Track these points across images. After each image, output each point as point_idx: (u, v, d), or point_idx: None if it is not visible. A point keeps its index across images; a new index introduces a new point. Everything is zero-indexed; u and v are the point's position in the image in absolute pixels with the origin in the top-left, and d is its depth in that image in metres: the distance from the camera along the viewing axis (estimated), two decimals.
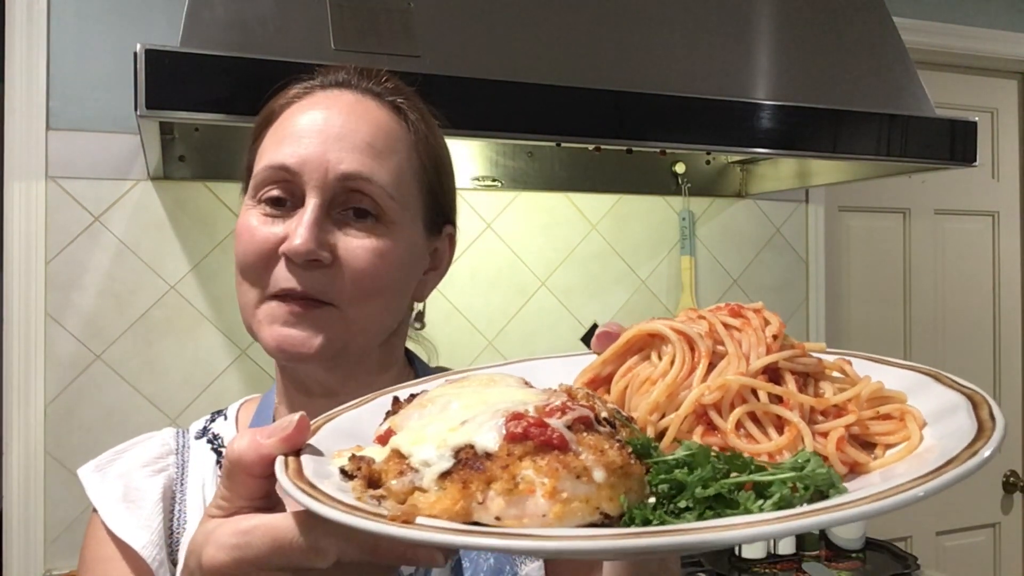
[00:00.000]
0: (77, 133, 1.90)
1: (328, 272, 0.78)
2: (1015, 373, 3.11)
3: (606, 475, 0.46)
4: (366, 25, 1.40)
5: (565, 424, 0.49)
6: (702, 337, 0.59)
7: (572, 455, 0.47)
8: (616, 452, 0.48)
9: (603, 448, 0.48)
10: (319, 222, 0.77)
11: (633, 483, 0.48)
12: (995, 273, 3.08)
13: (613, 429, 0.51)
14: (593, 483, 0.46)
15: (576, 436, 0.48)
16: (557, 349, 2.35)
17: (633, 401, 0.58)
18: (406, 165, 0.83)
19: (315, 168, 0.78)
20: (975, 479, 2.94)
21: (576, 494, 0.46)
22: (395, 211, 0.81)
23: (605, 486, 0.46)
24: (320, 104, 0.82)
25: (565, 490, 0.46)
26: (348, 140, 0.79)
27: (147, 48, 1.21)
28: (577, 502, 0.46)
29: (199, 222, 1.98)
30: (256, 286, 0.81)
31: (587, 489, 0.46)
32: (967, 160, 1.81)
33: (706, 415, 0.55)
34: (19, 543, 1.83)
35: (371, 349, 0.85)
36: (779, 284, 2.60)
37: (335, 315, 0.79)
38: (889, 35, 1.89)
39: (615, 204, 2.38)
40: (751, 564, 2.17)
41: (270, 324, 0.79)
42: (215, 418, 0.96)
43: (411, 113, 0.86)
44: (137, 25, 1.93)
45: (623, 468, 0.47)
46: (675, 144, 1.61)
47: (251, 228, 0.81)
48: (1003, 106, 3.07)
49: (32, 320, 1.85)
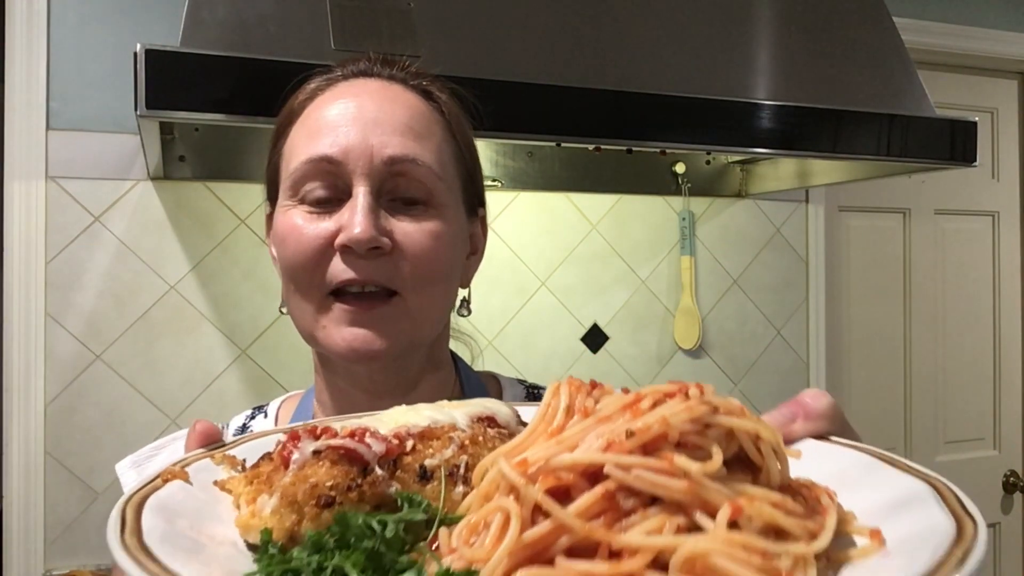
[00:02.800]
0: (77, 133, 1.90)
1: (389, 259, 0.76)
2: (1015, 373, 3.11)
3: (279, 503, 0.48)
4: (366, 25, 1.40)
5: (314, 448, 0.50)
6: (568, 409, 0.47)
7: (279, 474, 0.50)
8: (307, 489, 0.48)
9: (304, 479, 0.49)
10: (374, 208, 0.75)
11: (308, 523, 0.48)
12: (995, 273, 3.08)
13: (423, 479, 0.51)
14: (272, 506, 0.48)
15: (309, 461, 0.50)
16: (557, 349, 2.35)
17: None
18: (445, 147, 0.81)
19: (360, 155, 0.75)
20: (975, 479, 2.93)
21: (261, 511, 0.48)
22: (443, 193, 0.79)
23: (276, 511, 0.48)
24: (347, 93, 0.79)
25: (257, 503, 0.49)
26: (387, 124, 0.77)
27: (147, 48, 1.21)
28: (257, 518, 0.48)
29: (199, 222, 1.98)
30: (312, 287, 0.77)
31: (269, 509, 0.48)
32: (967, 160, 1.81)
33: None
34: (19, 543, 1.83)
35: (430, 341, 0.83)
36: (779, 284, 2.60)
37: (399, 307, 0.77)
38: (889, 35, 1.89)
39: (615, 204, 2.38)
40: None
41: (337, 326, 0.76)
42: (255, 414, 0.95)
43: (441, 95, 0.84)
44: (137, 25, 1.93)
45: (296, 504, 0.48)
46: (675, 144, 1.61)
47: (297, 227, 0.77)
48: (1003, 106, 3.06)
49: (32, 320, 1.85)
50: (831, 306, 2.70)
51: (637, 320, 2.42)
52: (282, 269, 0.80)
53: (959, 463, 2.96)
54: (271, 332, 2.04)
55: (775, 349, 2.59)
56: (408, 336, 0.78)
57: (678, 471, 0.40)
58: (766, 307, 2.58)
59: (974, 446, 3.02)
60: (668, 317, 2.45)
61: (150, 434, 1.92)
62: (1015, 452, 3.09)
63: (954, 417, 2.99)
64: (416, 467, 0.50)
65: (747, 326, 2.55)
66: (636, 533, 0.39)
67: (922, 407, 2.95)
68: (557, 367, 2.33)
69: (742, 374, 2.55)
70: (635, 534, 0.39)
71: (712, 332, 2.51)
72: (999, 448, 3.07)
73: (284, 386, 2.01)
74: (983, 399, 3.06)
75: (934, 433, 2.96)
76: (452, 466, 0.51)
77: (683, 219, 2.42)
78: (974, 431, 3.03)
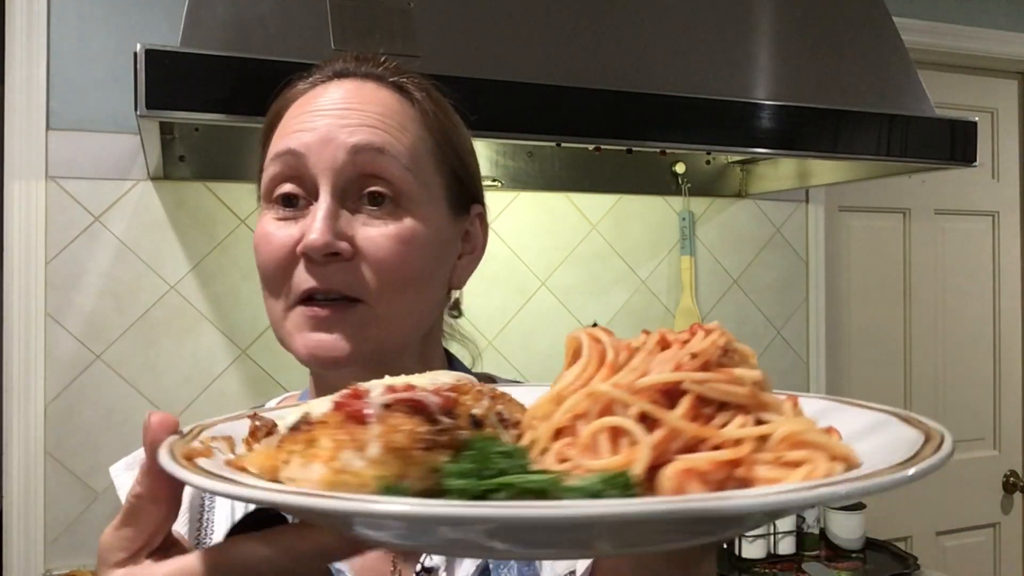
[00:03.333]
0: (77, 133, 1.90)
1: (350, 265, 0.74)
2: (1015, 373, 3.11)
3: (381, 453, 0.46)
4: (366, 25, 1.40)
5: (383, 402, 0.48)
6: (614, 348, 0.53)
7: (362, 429, 0.47)
8: (405, 436, 0.47)
9: (397, 429, 0.47)
10: (334, 213, 0.73)
11: (412, 470, 0.47)
12: (995, 273, 3.08)
13: (478, 427, 0.50)
14: (365, 459, 0.46)
15: (385, 414, 0.48)
16: (557, 349, 2.34)
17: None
18: (419, 143, 0.79)
19: (323, 147, 0.74)
20: (975, 479, 2.93)
21: (349, 467, 0.46)
22: (413, 188, 0.76)
23: (377, 463, 0.46)
24: (321, 94, 0.79)
25: (339, 460, 0.46)
26: (355, 118, 0.76)
27: (147, 48, 1.21)
28: (347, 474, 0.45)
29: (199, 222, 1.98)
30: (280, 295, 0.77)
31: (360, 464, 0.46)
32: (967, 160, 1.81)
33: (574, 427, 0.49)
34: (19, 543, 1.83)
35: (409, 346, 0.81)
36: (779, 284, 2.60)
37: (366, 313, 0.75)
38: (889, 35, 1.89)
39: (615, 204, 2.38)
40: (751, 564, 2.17)
41: (299, 332, 0.76)
42: None
43: (416, 92, 0.82)
44: (137, 25, 1.93)
45: (403, 451, 0.46)
46: (675, 144, 1.61)
47: (267, 235, 0.77)
48: (1003, 106, 3.07)
49: (32, 320, 1.85)
50: (831, 306, 2.70)
51: (637, 320, 2.42)
52: (259, 274, 0.80)
53: (959, 463, 2.96)
54: (271, 332, 2.03)
55: (775, 349, 2.59)
56: (376, 341, 0.76)
57: (739, 380, 0.48)
58: (766, 307, 2.58)
59: (974, 446, 3.02)
60: (668, 317, 2.45)
61: None
62: (1015, 452, 3.09)
63: (954, 417, 2.99)
64: (467, 416, 0.51)
65: (747, 326, 2.55)
66: (733, 428, 0.47)
67: (922, 407, 2.95)
68: (557, 367, 2.32)
69: None
70: (732, 428, 0.47)
71: None
72: (999, 448, 3.07)
73: (284, 386, 2.01)
74: (983, 399, 3.06)
75: None
76: (496, 413, 0.53)
77: (683, 219, 2.43)
78: (974, 431, 3.03)
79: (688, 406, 0.47)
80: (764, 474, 0.45)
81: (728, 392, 0.48)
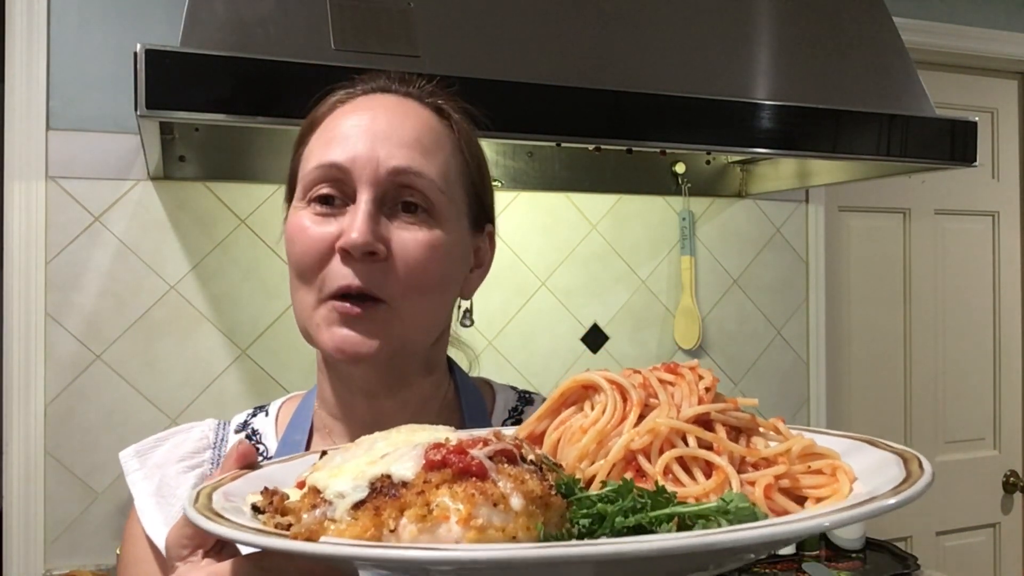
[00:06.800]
0: (77, 133, 1.90)
1: (383, 266, 0.79)
2: (1015, 373, 3.11)
3: (524, 503, 0.45)
4: (366, 25, 1.40)
5: (487, 455, 0.48)
6: (635, 387, 0.58)
7: (490, 483, 0.46)
8: (536, 483, 0.47)
9: (523, 478, 0.47)
10: (374, 215, 0.78)
11: (552, 515, 0.47)
12: (995, 273, 3.08)
13: (539, 470, 0.50)
14: (511, 511, 0.45)
15: (496, 467, 0.47)
16: (557, 349, 2.35)
17: (565, 451, 0.57)
18: (452, 162, 0.84)
19: (365, 164, 0.79)
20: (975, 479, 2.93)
21: (492, 522, 0.44)
22: (444, 205, 0.82)
23: (523, 514, 0.45)
24: (363, 107, 0.84)
25: (480, 517, 0.44)
26: (395, 137, 0.81)
27: (147, 48, 1.21)
28: (492, 530, 0.44)
29: (199, 222, 1.98)
30: (313, 287, 0.81)
31: (503, 518, 0.45)
32: (967, 160, 1.81)
33: (635, 461, 0.55)
34: (19, 543, 1.83)
35: (424, 347, 0.86)
36: (779, 284, 2.60)
37: (390, 314, 0.79)
38: (889, 35, 1.89)
39: (615, 204, 2.38)
40: (751, 564, 2.17)
41: (328, 326, 0.79)
42: (257, 413, 0.97)
43: (454, 113, 0.88)
44: (137, 25, 1.93)
45: (542, 498, 0.46)
46: (675, 144, 1.61)
47: (304, 228, 0.81)
48: (1003, 106, 3.06)
49: (32, 320, 1.85)
50: (831, 306, 2.70)
51: (637, 320, 2.42)
52: (289, 265, 0.84)
53: (959, 463, 2.96)
54: (271, 332, 2.04)
55: (775, 349, 2.59)
56: (399, 340, 0.81)
57: (740, 408, 0.59)
58: (766, 307, 2.58)
59: (974, 446, 3.02)
60: (668, 317, 2.45)
61: (150, 434, 1.91)
62: (1015, 452, 3.09)
63: (954, 417, 2.99)
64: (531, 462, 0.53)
65: (747, 326, 2.55)
66: (759, 444, 0.58)
67: (922, 407, 2.95)
68: (557, 367, 2.33)
69: (742, 374, 2.55)
70: (759, 444, 0.58)
71: (712, 332, 2.51)
72: (999, 448, 3.07)
73: (284, 386, 2.01)
74: (983, 399, 3.06)
75: (934, 433, 2.96)
76: (542, 460, 0.54)
77: (683, 219, 2.43)
78: (974, 431, 3.03)
79: (725, 432, 0.56)
80: (807, 481, 0.54)
81: (740, 418, 0.58)
